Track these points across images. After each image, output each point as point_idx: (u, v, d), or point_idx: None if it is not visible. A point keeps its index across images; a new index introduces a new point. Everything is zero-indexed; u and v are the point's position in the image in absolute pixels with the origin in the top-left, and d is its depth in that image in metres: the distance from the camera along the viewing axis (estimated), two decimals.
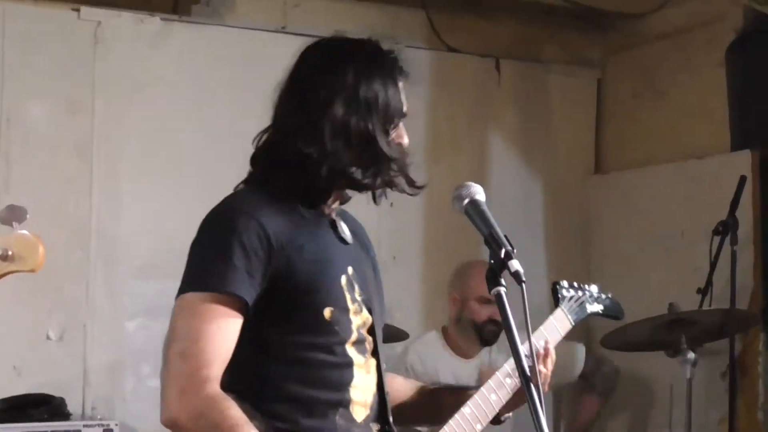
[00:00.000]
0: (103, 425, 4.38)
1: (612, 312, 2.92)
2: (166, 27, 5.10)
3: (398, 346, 4.93)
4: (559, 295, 2.73)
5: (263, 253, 2.28)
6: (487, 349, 4.64)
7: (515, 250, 2.19)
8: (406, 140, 2.46)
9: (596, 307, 2.84)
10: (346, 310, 2.39)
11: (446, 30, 5.75)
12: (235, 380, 2.27)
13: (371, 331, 2.45)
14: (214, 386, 2.21)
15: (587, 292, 2.82)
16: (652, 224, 5.59)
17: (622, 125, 6.01)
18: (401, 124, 2.46)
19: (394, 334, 4.86)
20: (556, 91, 6.05)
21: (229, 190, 2.46)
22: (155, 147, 5.02)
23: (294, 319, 2.33)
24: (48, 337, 4.79)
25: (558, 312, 2.71)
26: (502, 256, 2.17)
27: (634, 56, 5.98)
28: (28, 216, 2.18)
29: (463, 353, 4.62)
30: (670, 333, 4.52)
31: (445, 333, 4.70)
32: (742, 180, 4.83)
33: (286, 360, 2.33)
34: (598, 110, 6.14)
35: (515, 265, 2.16)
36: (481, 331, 4.54)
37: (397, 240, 5.50)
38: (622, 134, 6.00)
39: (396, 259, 5.50)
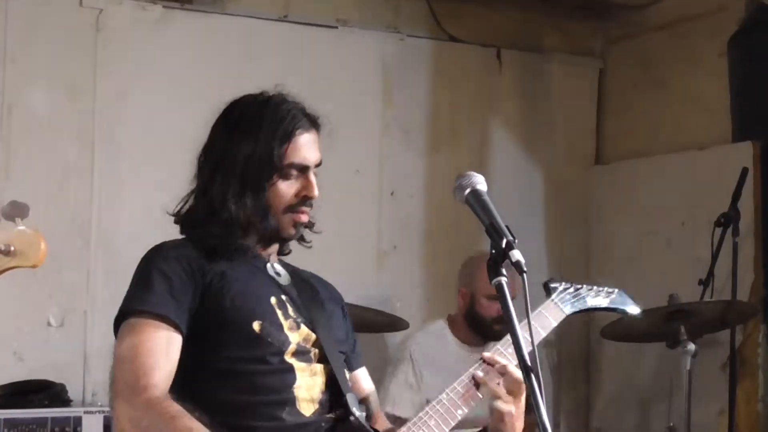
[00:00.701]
0: (103, 411, 4.37)
1: (620, 305, 2.89)
2: (167, 15, 5.09)
3: (398, 336, 4.95)
4: (551, 287, 2.75)
5: (185, 275, 2.44)
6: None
7: (516, 240, 2.19)
8: (315, 192, 2.55)
9: (600, 301, 2.82)
10: (279, 325, 2.48)
11: (448, 19, 5.74)
12: (183, 399, 2.33)
13: (317, 345, 2.53)
14: (154, 392, 2.30)
15: (586, 286, 2.82)
16: (653, 215, 5.58)
17: (624, 115, 6.00)
18: (311, 176, 2.56)
19: (394, 324, 4.87)
20: (557, 81, 6.04)
21: None
22: (156, 134, 5.01)
23: (225, 335, 2.43)
24: (48, 324, 4.79)
25: (548, 302, 2.73)
26: (504, 245, 2.18)
27: (635, 46, 5.97)
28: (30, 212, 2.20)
29: (470, 342, 4.64)
30: (671, 324, 4.52)
31: (451, 322, 4.72)
32: (744, 171, 4.83)
33: (224, 375, 2.42)
34: (599, 100, 6.12)
35: (516, 254, 2.16)
36: (490, 328, 4.55)
37: (397, 229, 5.49)
38: (624, 124, 5.99)
39: (396, 249, 5.50)
